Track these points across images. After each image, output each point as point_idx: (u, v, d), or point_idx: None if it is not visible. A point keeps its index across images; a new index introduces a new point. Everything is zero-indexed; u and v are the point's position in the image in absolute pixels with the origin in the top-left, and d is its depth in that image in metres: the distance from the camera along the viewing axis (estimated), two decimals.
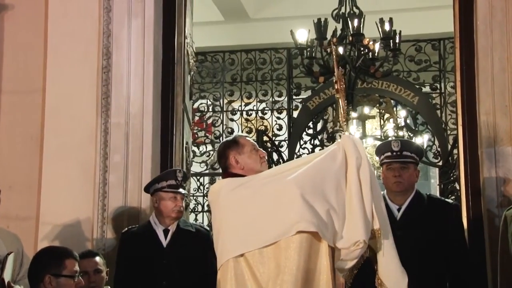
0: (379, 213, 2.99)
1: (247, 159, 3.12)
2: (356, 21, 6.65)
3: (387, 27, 6.64)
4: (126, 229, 4.07)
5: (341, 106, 3.15)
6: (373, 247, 3.05)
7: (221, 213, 3.04)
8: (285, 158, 8.69)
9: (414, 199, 3.79)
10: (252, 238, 2.91)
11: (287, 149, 8.91)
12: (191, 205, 8.28)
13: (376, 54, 6.77)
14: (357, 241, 2.89)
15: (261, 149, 3.23)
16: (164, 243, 3.86)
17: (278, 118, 9.10)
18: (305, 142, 8.98)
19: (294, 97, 9.18)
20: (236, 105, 9.39)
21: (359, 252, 2.93)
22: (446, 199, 4.50)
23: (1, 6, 4.72)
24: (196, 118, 9.12)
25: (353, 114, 8.20)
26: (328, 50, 5.96)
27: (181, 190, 3.92)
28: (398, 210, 3.76)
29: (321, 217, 2.86)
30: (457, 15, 4.57)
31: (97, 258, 3.78)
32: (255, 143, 3.26)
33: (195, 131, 9.03)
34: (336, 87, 3.14)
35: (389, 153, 3.81)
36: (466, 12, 4.48)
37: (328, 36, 6.71)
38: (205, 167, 8.95)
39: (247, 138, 3.25)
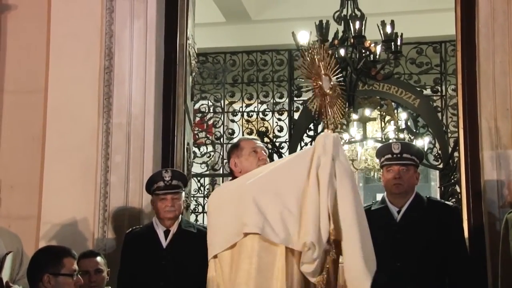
0: (343, 214, 2.85)
1: (244, 162, 3.18)
2: (357, 23, 6.64)
3: (388, 29, 6.63)
4: (130, 229, 4.06)
5: (317, 102, 3.05)
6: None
7: (208, 215, 3.18)
8: None
9: (414, 201, 3.79)
10: (219, 240, 3.03)
11: (287, 151, 8.89)
12: (192, 206, 8.27)
13: (377, 56, 6.76)
14: (304, 242, 2.82)
15: (262, 152, 3.22)
16: (164, 244, 3.85)
17: (279, 119, 9.07)
18: (306, 144, 8.94)
19: (295, 98, 9.16)
20: (237, 106, 9.38)
21: (311, 253, 2.81)
22: (446, 202, 4.50)
23: (4, 7, 4.73)
24: (197, 119, 9.11)
25: (354, 116, 8.21)
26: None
27: (171, 190, 3.83)
28: (398, 212, 3.76)
29: (269, 220, 2.86)
30: (458, 17, 4.57)
31: (98, 258, 3.79)
32: (259, 145, 3.26)
33: (195, 132, 9.02)
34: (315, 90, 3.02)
35: (389, 155, 3.81)
36: (467, 15, 4.48)
37: (330, 38, 6.70)
38: (206, 168, 8.95)
39: (250, 140, 3.26)
